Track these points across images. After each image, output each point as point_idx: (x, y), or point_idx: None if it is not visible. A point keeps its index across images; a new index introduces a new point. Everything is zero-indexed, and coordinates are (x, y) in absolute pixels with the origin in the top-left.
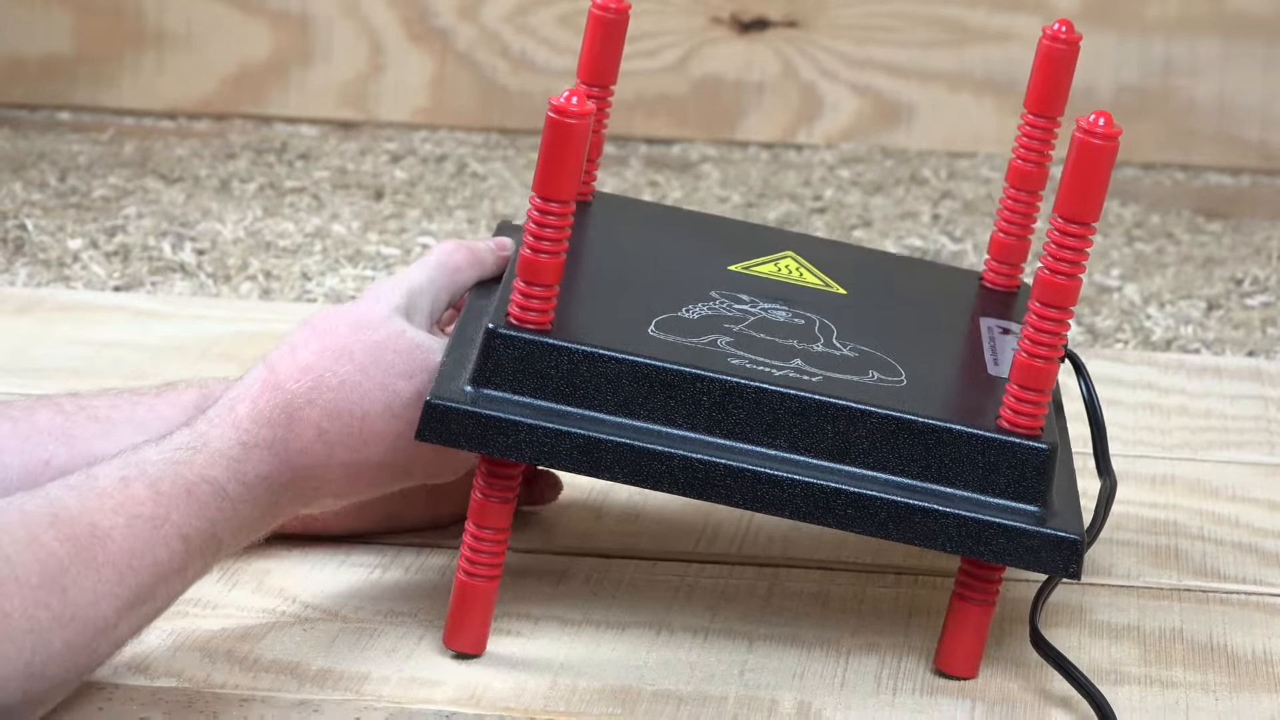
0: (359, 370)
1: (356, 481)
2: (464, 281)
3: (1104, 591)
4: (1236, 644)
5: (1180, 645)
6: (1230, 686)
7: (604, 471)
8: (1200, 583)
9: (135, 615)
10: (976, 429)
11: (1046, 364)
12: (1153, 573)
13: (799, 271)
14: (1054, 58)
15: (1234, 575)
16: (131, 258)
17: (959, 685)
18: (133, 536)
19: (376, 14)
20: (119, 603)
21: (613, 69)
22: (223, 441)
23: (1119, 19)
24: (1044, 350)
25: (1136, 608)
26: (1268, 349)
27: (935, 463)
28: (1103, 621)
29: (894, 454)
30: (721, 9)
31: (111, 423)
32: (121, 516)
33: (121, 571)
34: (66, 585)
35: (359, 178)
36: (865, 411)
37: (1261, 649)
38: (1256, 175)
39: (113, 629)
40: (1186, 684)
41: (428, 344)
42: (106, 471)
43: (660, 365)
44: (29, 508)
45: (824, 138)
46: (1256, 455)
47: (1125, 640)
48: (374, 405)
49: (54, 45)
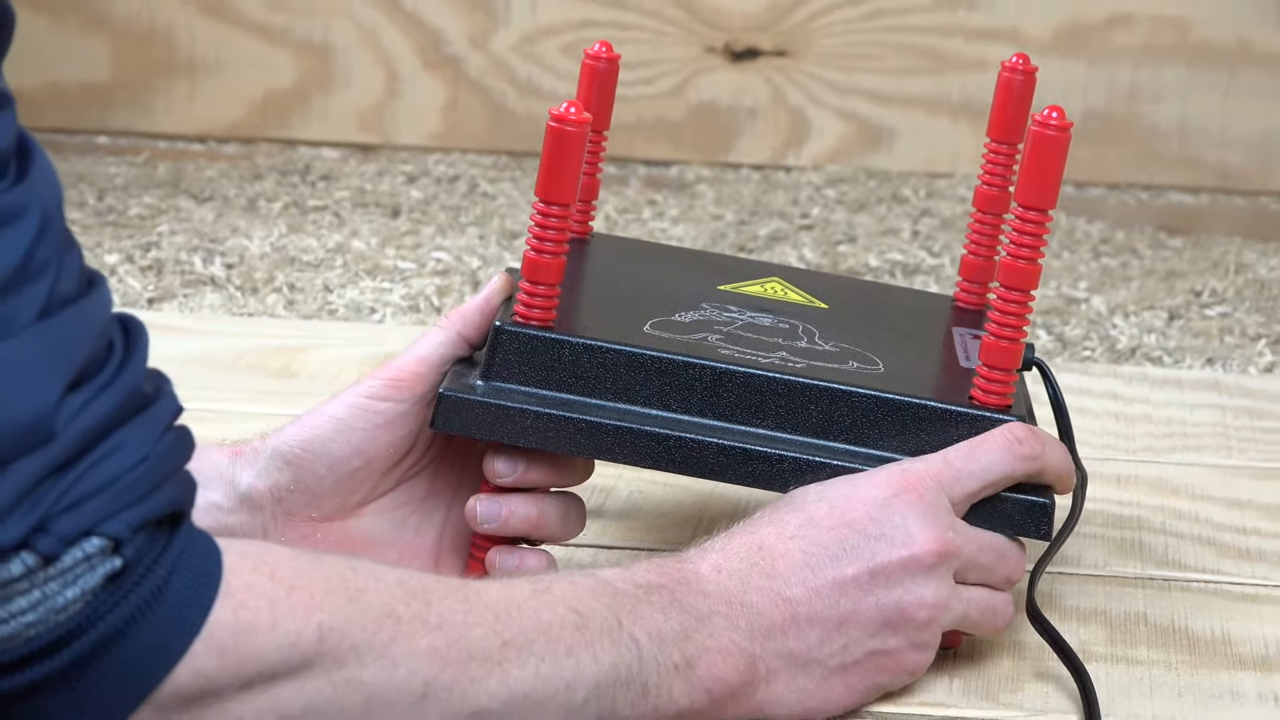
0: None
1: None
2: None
3: (1074, 580)
4: (1195, 627)
5: (1144, 627)
6: (1190, 664)
7: (606, 453)
8: (1162, 572)
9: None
10: (951, 405)
11: (1012, 344)
12: (1119, 563)
13: (784, 291)
14: (1012, 88)
15: (1193, 565)
16: (165, 272)
17: (940, 656)
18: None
19: (393, 44)
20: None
21: (606, 114)
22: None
23: (1087, 48)
24: (1009, 331)
25: (1104, 594)
26: (1225, 356)
27: (913, 437)
28: (1073, 606)
29: (874, 430)
30: (715, 39)
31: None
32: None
33: (498, 614)
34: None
35: (377, 197)
36: (846, 392)
37: (1219, 631)
38: (1215, 194)
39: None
40: (1150, 662)
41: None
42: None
43: (656, 355)
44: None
45: (811, 160)
46: (1214, 458)
47: (1093, 623)
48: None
49: (92, 73)
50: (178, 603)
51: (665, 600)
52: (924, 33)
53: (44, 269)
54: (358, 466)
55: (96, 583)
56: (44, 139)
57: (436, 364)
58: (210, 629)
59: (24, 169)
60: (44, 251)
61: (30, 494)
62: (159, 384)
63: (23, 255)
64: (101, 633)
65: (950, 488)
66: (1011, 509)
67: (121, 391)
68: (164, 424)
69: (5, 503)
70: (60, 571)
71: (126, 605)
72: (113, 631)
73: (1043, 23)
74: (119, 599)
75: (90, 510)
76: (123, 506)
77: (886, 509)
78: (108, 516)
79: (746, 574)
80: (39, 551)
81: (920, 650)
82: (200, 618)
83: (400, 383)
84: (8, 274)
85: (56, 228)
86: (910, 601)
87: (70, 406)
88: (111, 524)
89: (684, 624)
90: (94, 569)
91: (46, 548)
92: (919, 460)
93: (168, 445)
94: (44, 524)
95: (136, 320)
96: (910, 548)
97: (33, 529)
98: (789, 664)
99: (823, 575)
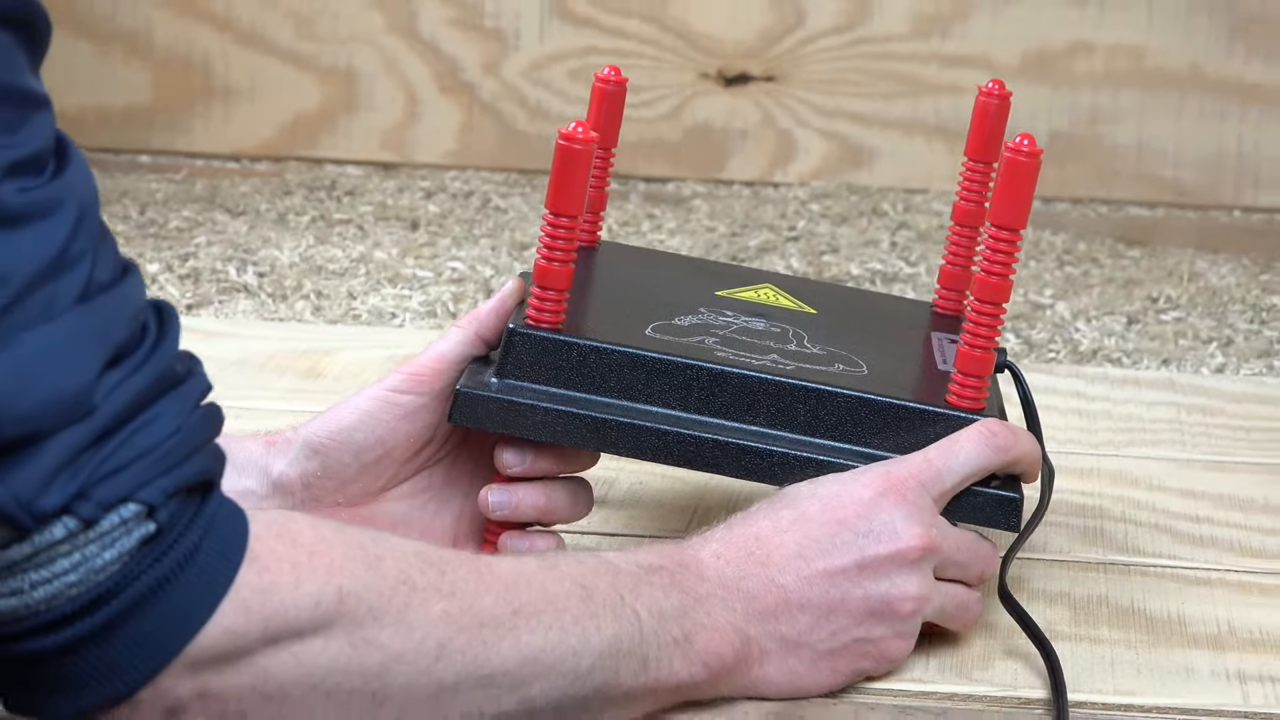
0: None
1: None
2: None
3: (1040, 565)
4: (1153, 608)
5: (1105, 609)
6: (1148, 643)
7: (610, 446)
8: (1122, 558)
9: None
10: (929, 405)
11: (984, 353)
12: (1082, 549)
13: (776, 297)
14: (989, 111)
15: (1151, 551)
16: (202, 280)
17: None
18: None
19: (412, 69)
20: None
21: (614, 133)
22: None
23: (1052, 74)
24: (982, 341)
25: (1068, 578)
26: (1179, 358)
27: (894, 435)
28: (1039, 589)
29: (858, 428)
30: (709, 66)
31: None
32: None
33: (508, 584)
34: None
35: (397, 211)
36: (832, 392)
37: (1175, 612)
38: (1169, 209)
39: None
40: (1111, 640)
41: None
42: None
43: (656, 356)
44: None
45: (797, 177)
46: (1169, 452)
47: (1058, 605)
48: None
49: (135, 97)
50: (208, 564)
51: (665, 580)
52: (902, 60)
53: (81, 257)
54: (380, 454)
55: (133, 545)
56: (91, 157)
57: (454, 361)
58: (237, 589)
59: (61, 166)
60: (81, 241)
61: (71, 463)
62: (190, 364)
63: (61, 245)
64: (137, 591)
65: (932, 486)
66: (984, 502)
67: (155, 369)
68: (195, 400)
69: (48, 471)
70: (99, 535)
71: (161, 566)
72: (148, 590)
73: (1011, 50)
74: (154, 560)
75: (126, 478)
76: (156, 474)
77: (874, 507)
78: (143, 484)
79: (743, 562)
80: (80, 516)
81: (902, 639)
82: (228, 578)
83: (420, 377)
84: (48, 262)
85: (92, 220)
86: (895, 594)
87: (108, 383)
88: (146, 491)
89: (682, 602)
90: (130, 532)
91: (87, 512)
92: (902, 461)
93: (198, 419)
94: (84, 491)
95: (169, 306)
96: (896, 543)
97: (74, 495)
98: (781, 646)
99: (814, 566)
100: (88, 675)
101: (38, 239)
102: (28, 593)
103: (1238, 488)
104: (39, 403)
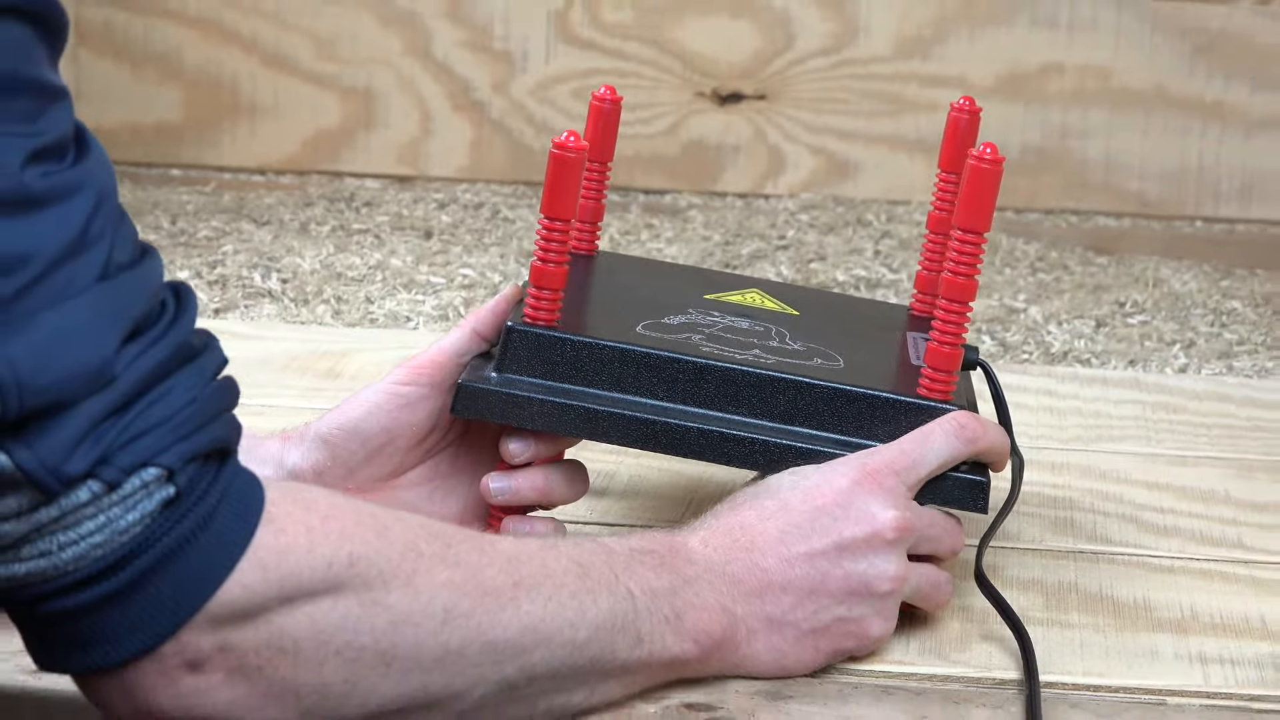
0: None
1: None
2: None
3: (1013, 553)
4: (1120, 594)
5: (1075, 595)
6: (1115, 627)
7: (602, 436)
8: (1091, 546)
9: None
10: (901, 396)
11: (953, 348)
12: (1053, 539)
13: (762, 300)
14: (960, 125)
15: (1118, 540)
16: (229, 286)
17: (899, 619)
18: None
19: (427, 89)
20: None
21: (610, 148)
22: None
23: (1025, 92)
24: (950, 337)
25: (1040, 566)
26: (1145, 359)
27: (867, 423)
28: (1013, 576)
29: (834, 417)
30: (704, 85)
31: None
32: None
33: (509, 559)
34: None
35: (412, 221)
36: (810, 384)
37: (1141, 598)
38: (1136, 219)
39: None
40: (1081, 625)
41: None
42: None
43: (645, 351)
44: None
45: (787, 189)
46: (1135, 447)
47: (1031, 591)
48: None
49: (166, 114)
50: (226, 526)
51: (656, 562)
52: (885, 80)
53: (100, 238)
54: (384, 442)
55: (154, 507)
56: (125, 171)
57: (453, 356)
58: (254, 549)
59: (81, 153)
60: (100, 223)
61: (94, 430)
62: (207, 340)
63: (81, 226)
64: (159, 552)
65: (906, 474)
66: (953, 486)
67: (173, 343)
68: (211, 372)
69: (73, 438)
70: (122, 498)
71: (181, 527)
72: (170, 550)
73: (986, 71)
74: (174, 522)
75: (147, 444)
76: (174, 440)
77: (852, 494)
78: (162, 449)
79: (729, 548)
80: (103, 479)
81: (882, 619)
82: (245, 539)
83: (421, 370)
84: (69, 242)
85: (110, 203)
86: (873, 574)
87: (127, 355)
88: (165, 455)
89: (673, 583)
90: (151, 495)
91: (110, 476)
92: (878, 451)
93: (214, 390)
94: (107, 456)
95: (187, 286)
96: (873, 525)
97: (97, 461)
98: (767, 625)
99: (796, 549)
100: (114, 631)
101: (59, 221)
102: (56, 554)
103: (1200, 481)
104: (62, 375)
